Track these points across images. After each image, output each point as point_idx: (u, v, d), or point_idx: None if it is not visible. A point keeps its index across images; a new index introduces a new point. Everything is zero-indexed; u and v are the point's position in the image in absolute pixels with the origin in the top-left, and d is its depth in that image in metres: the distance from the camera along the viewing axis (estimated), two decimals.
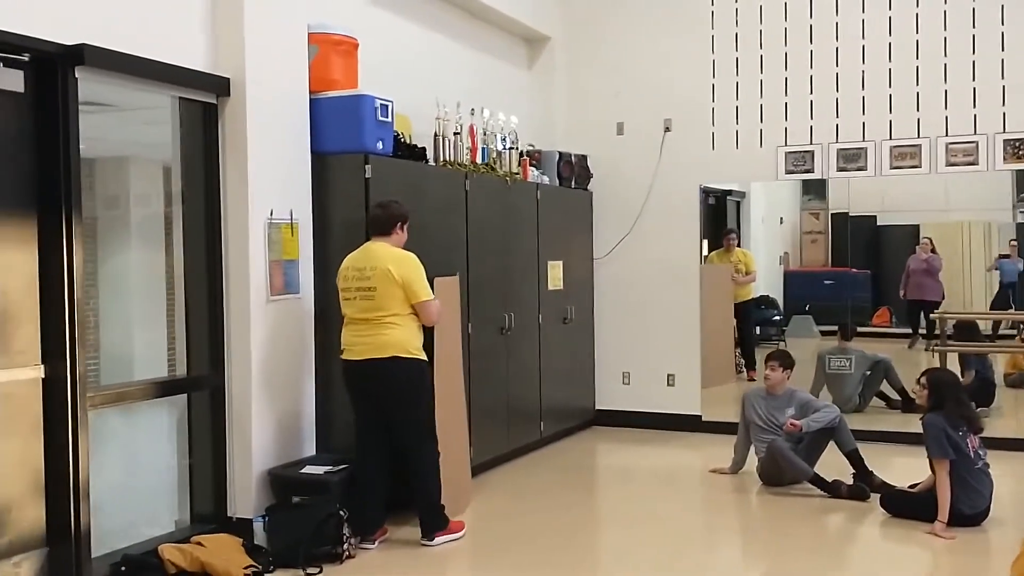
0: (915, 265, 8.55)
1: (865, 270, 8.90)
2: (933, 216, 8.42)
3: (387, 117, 5.40)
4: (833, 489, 5.79)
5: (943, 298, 8.38)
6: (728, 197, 8.89)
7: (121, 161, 5.45)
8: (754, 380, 8.23)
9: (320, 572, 4.54)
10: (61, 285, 4.19)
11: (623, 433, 7.93)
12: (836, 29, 7.45)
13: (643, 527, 5.50)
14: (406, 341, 4.87)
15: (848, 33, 7.42)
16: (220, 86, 4.90)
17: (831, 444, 5.98)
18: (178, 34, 4.78)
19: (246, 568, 4.33)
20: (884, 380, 7.88)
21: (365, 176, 5.28)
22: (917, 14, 7.22)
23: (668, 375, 8.01)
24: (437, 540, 5.00)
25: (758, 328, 9.07)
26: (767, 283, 9.07)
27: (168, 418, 5.16)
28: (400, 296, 4.83)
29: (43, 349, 4.20)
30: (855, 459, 5.91)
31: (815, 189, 8.55)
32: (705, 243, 8.84)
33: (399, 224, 5.02)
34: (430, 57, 6.93)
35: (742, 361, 8.84)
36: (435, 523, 5.02)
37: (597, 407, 8.22)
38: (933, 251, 8.48)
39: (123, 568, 4.36)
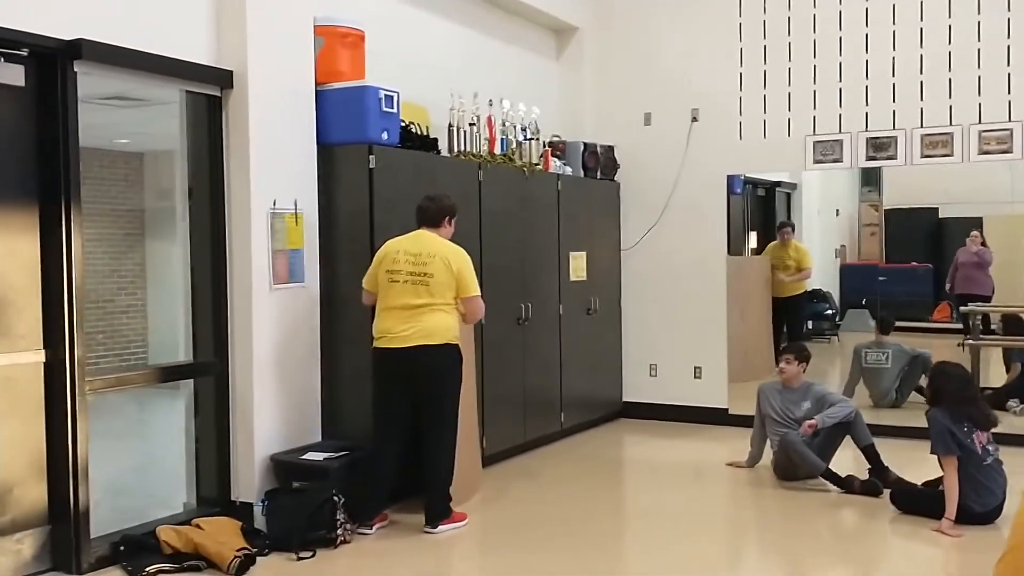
0: (964, 258, 8.25)
1: (926, 264, 8.65)
2: (997, 208, 8.12)
3: (392, 108, 5.42)
4: (846, 484, 5.68)
5: (993, 292, 8.11)
6: (777, 188, 8.71)
7: (170, 155, 5.60)
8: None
9: (313, 556, 4.61)
10: (61, 272, 4.32)
11: (649, 425, 7.88)
12: (866, 15, 7.27)
13: (651, 519, 5.47)
14: (454, 329, 4.99)
15: (877, 19, 7.23)
16: (223, 79, 4.98)
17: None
18: (183, 28, 4.87)
19: (238, 551, 4.38)
20: (923, 375, 7.67)
21: (369, 167, 5.32)
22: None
23: (695, 367, 7.93)
24: (441, 528, 5.03)
25: (810, 323, 8.88)
26: (821, 277, 8.86)
27: (178, 403, 5.29)
28: (453, 287, 4.93)
29: (44, 334, 4.34)
30: (871, 454, 5.78)
31: (875, 180, 8.33)
32: (753, 235, 8.70)
33: (447, 218, 5.10)
34: (458, 50, 6.98)
35: None
36: (442, 512, 5.06)
37: (624, 399, 8.17)
38: (983, 244, 8.21)
39: (122, 547, 4.49)
